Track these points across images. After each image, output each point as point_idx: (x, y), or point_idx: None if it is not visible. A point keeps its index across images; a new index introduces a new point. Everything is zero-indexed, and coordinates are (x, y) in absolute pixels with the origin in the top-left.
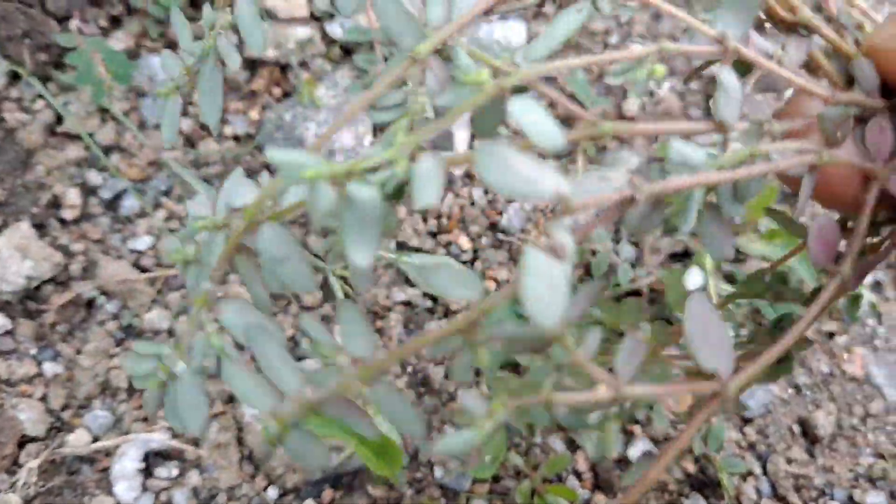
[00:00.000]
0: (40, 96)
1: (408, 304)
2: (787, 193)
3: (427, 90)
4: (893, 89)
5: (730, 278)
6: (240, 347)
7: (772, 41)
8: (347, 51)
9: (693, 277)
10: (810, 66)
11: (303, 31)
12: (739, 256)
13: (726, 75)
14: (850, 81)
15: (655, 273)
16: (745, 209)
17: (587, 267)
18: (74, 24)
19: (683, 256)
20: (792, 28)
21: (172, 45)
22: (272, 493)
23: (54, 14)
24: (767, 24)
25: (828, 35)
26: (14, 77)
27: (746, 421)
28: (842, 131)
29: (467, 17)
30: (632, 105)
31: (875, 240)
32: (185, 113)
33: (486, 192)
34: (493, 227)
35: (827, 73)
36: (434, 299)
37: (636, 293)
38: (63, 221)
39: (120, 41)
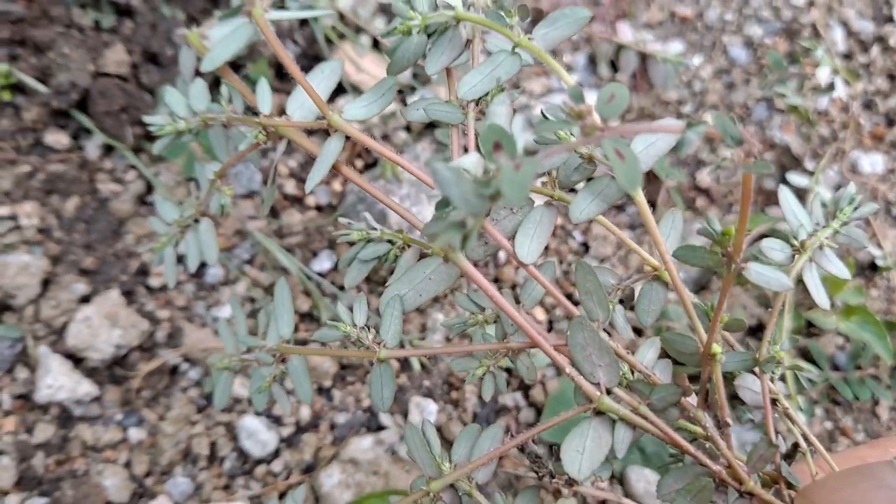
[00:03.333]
0: (132, 167)
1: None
2: (862, 268)
3: None
4: None
5: (804, 353)
6: None
7: None
8: (428, 122)
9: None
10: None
11: None
12: (813, 330)
13: None
14: None
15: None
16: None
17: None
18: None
19: (757, 330)
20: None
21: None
22: None
23: (148, 87)
24: None
25: (767, 499)
26: (108, 149)
27: None
28: None
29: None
30: (705, 177)
31: None
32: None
33: (560, 261)
34: (570, 297)
35: None
36: (509, 371)
37: None
38: (150, 288)
39: None
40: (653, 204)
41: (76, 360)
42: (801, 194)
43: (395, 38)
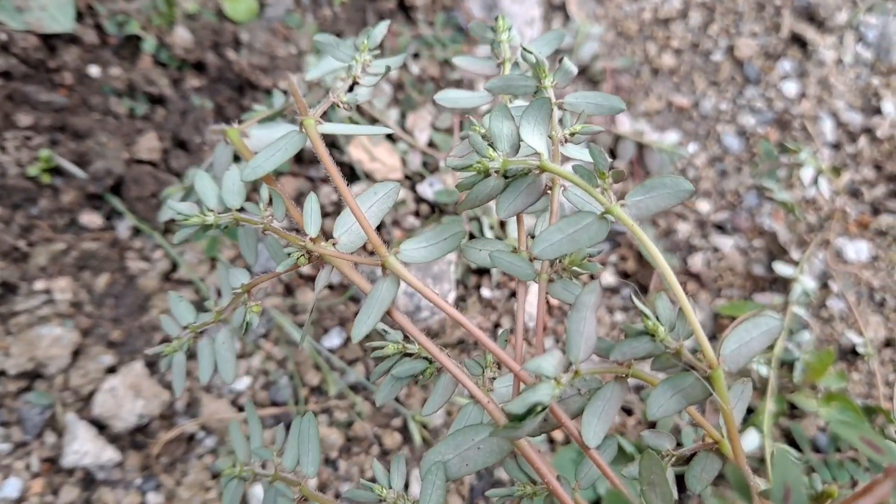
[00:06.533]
0: (159, 246)
1: None
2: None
3: None
4: None
5: (787, 434)
6: None
7: None
8: (434, 207)
9: (749, 437)
10: None
11: None
12: (796, 412)
13: None
14: None
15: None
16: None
17: (651, 425)
18: (195, 197)
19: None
20: None
21: None
22: None
23: (177, 171)
24: None
25: None
26: (138, 229)
27: None
28: None
29: None
30: (697, 261)
31: None
32: None
33: (556, 340)
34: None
35: None
36: None
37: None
38: None
39: None
40: (645, 289)
41: (101, 426)
42: (785, 283)
43: (468, 174)
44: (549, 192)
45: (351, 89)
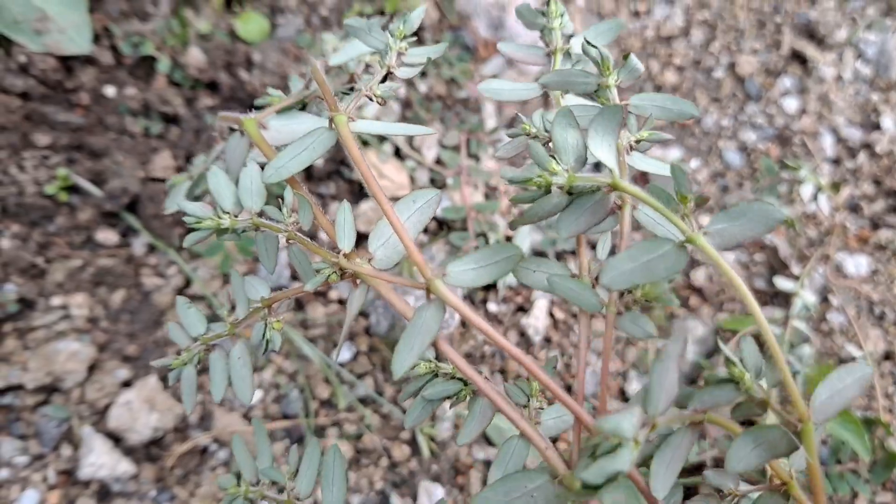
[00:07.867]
0: (173, 262)
1: (488, 462)
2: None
3: None
4: None
5: None
6: None
7: None
8: (441, 223)
9: None
10: None
11: None
12: None
13: None
14: None
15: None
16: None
17: None
18: (209, 198)
19: (749, 423)
20: None
21: None
22: None
23: None
24: None
25: None
26: (152, 245)
27: None
28: None
29: None
30: (699, 275)
31: None
32: (294, 276)
33: (562, 354)
34: (568, 389)
35: None
36: None
37: (703, 465)
38: None
39: None
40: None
41: (116, 439)
42: (786, 297)
43: (530, 189)
44: (616, 211)
45: (384, 81)
